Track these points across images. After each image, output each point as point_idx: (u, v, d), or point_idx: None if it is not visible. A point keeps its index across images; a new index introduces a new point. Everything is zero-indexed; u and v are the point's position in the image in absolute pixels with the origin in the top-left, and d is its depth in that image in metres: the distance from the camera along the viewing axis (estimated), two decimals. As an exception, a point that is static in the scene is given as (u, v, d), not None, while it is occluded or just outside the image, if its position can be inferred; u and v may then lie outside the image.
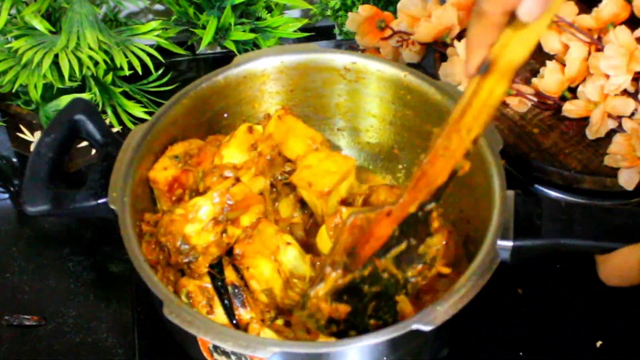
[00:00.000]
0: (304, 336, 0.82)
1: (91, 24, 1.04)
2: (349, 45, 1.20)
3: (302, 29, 1.20)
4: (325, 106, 1.01)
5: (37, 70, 1.03)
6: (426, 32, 1.09)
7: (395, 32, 1.11)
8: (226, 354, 0.75)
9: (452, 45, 1.07)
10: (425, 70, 1.11)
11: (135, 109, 1.11)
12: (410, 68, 0.95)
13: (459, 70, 1.05)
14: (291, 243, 0.86)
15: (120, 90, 1.11)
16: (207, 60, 1.26)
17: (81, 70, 1.03)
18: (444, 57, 1.09)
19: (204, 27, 1.15)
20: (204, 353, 0.78)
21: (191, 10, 1.17)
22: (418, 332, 0.71)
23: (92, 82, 1.07)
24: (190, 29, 1.19)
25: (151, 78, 1.15)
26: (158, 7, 1.26)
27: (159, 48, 1.13)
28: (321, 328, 0.76)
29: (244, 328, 0.82)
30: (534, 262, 0.81)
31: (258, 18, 1.20)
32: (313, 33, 1.22)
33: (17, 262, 0.99)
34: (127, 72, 1.08)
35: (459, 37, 1.09)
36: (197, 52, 1.24)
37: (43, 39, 1.04)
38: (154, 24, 1.12)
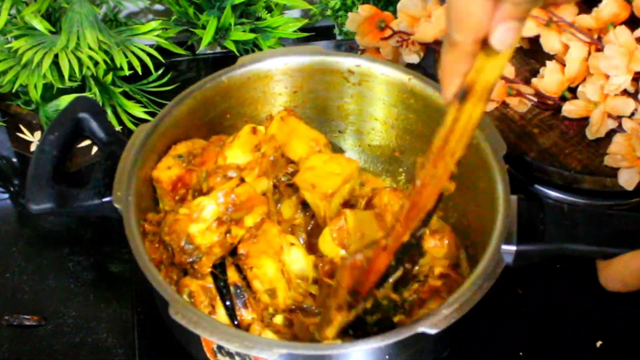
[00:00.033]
0: (306, 337, 0.82)
1: (91, 24, 1.03)
2: (349, 45, 1.20)
3: (302, 29, 1.21)
4: (328, 108, 1.01)
5: (37, 70, 1.02)
6: (426, 32, 1.09)
7: (395, 32, 1.11)
8: (230, 355, 0.75)
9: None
10: (425, 70, 1.11)
11: (135, 109, 1.10)
12: (414, 72, 0.95)
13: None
14: (295, 244, 0.86)
15: (120, 90, 1.11)
16: (207, 60, 1.25)
17: (81, 70, 1.03)
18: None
19: (204, 27, 1.15)
20: (207, 353, 0.78)
21: (191, 10, 1.17)
22: (423, 335, 0.71)
23: (92, 82, 1.07)
24: (190, 29, 1.19)
25: (151, 78, 1.15)
26: (158, 7, 1.26)
27: (159, 48, 1.13)
28: None
29: (245, 329, 0.83)
30: (535, 263, 0.81)
31: (258, 18, 1.20)
32: (313, 33, 1.23)
33: (17, 262, 0.99)
34: (127, 72, 1.08)
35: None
36: (197, 52, 1.24)
37: (43, 39, 1.04)
38: (154, 24, 1.11)
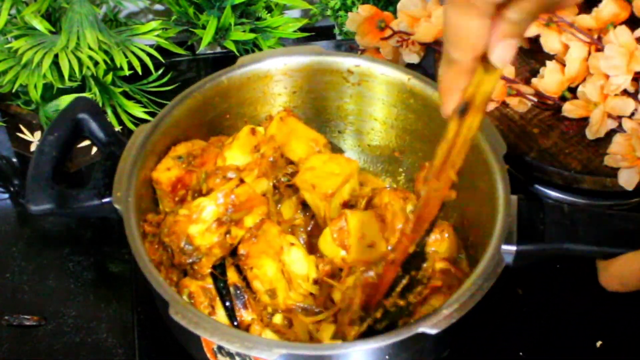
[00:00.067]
0: (306, 336, 0.82)
1: (91, 24, 1.03)
2: (349, 45, 1.20)
3: (302, 29, 1.20)
4: (327, 108, 1.00)
5: (37, 70, 1.02)
6: (426, 32, 1.09)
7: (395, 32, 1.11)
8: (230, 355, 0.75)
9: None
10: (425, 70, 1.11)
11: (135, 109, 1.10)
12: (414, 72, 0.94)
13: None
14: (295, 244, 0.86)
15: (120, 90, 1.10)
16: (207, 60, 1.25)
17: (81, 70, 1.03)
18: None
19: (204, 27, 1.15)
20: (207, 354, 0.78)
21: (191, 10, 1.17)
22: (423, 335, 0.71)
23: (92, 82, 1.07)
24: (190, 29, 1.19)
25: (151, 78, 1.15)
26: (158, 7, 1.26)
27: (159, 48, 1.12)
28: None
29: (245, 329, 0.83)
30: (535, 263, 0.81)
31: (258, 18, 1.20)
32: (313, 33, 1.22)
33: (17, 262, 0.99)
34: (127, 72, 1.08)
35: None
36: (197, 52, 1.24)
37: (43, 39, 1.04)
38: (154, 24, 1.11)
